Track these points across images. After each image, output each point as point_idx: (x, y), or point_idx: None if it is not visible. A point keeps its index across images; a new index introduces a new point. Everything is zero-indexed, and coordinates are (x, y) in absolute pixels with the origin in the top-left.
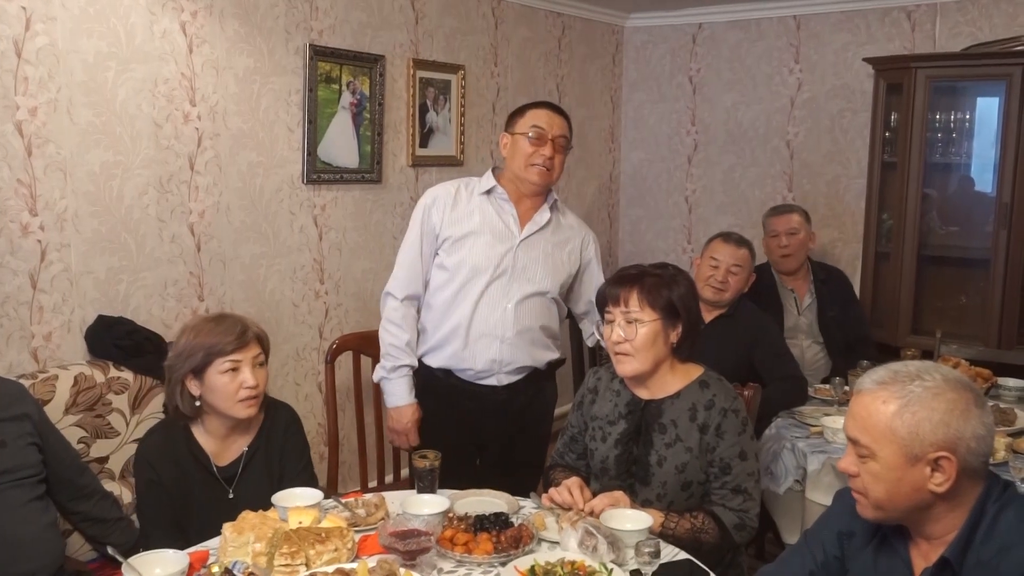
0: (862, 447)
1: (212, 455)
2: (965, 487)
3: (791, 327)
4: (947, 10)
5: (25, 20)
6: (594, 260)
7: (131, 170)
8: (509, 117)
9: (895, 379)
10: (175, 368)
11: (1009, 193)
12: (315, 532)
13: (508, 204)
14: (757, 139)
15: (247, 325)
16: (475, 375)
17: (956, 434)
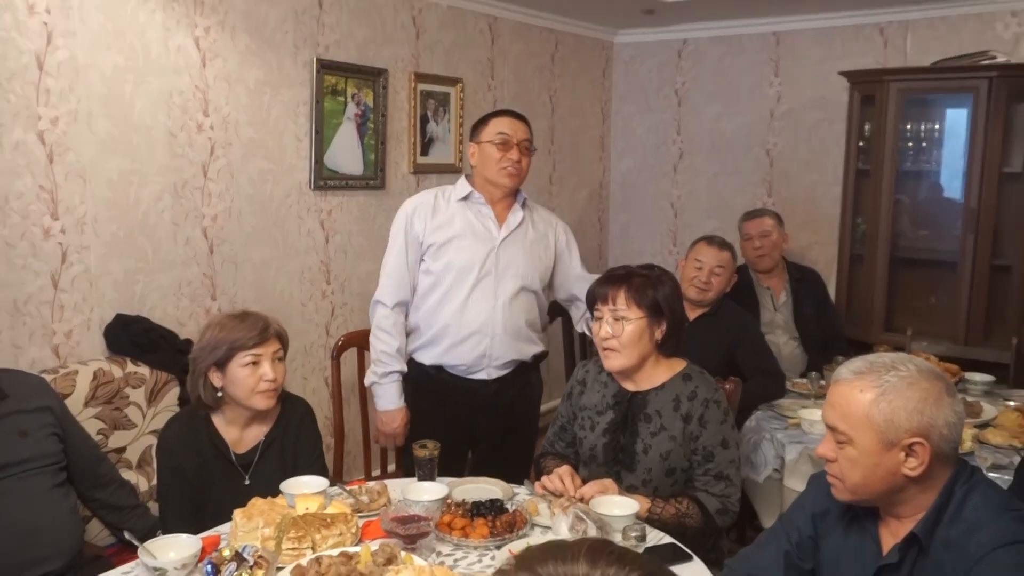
0: (840, 434)
1: (231, 443)
2: (936, 471)
3: (767, 322)
4: (917, 27)
5: (47, 35)
6: (566, 248)
7: (147, 177)
8: (473, 128)
9: (872, 369)
10: (199, 360)
11: (976, 199)
12: (321, 518)
13: (486, 207)
14: (739, 148)
15: (268, 322)
16: (465, 370)
17: (929, 421)
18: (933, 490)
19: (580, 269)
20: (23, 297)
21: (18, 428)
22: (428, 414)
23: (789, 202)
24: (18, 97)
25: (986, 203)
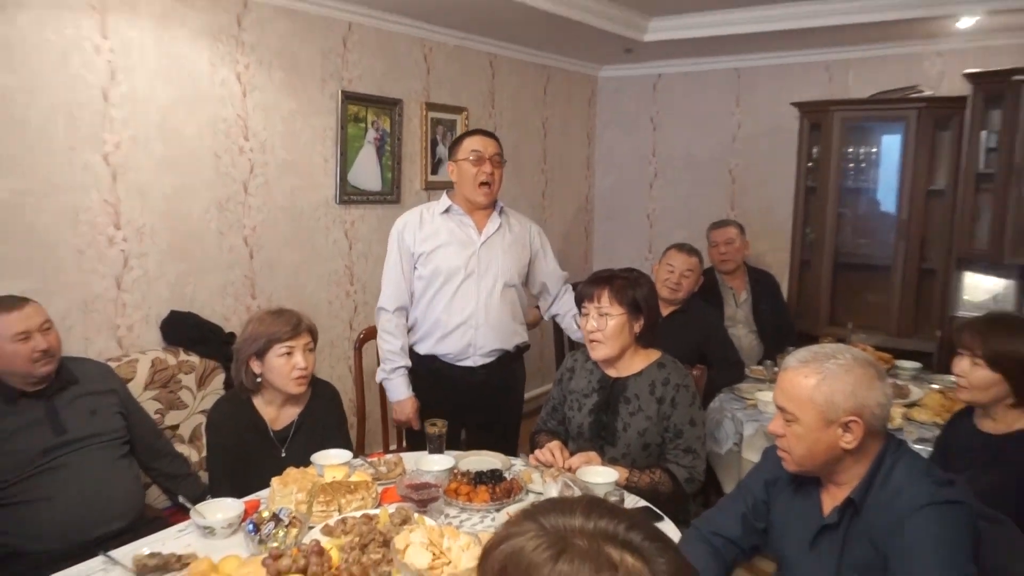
0: (788, 413)
1: (269, 421)
2: (869, 444)
3: (730, 317)
4: (857, 64)
5: (111, 72)
6: (540, 248)
7: (196, 193)
8: (450, 148)
9: (815, 358)
10: (241, 350)
11: (907, 212)
12: (346, 485)
13: (465, 217)
14: (705, 168)
15: (301, 318)
16: (454, 358)
17: (863, 402)
18: (866, 461)
19: (553, 265)
20: (91, 296)
21: (88, 408)
22: (424, 396)
23: (748, 214)
24: (87, 124)
25: (915, 216)
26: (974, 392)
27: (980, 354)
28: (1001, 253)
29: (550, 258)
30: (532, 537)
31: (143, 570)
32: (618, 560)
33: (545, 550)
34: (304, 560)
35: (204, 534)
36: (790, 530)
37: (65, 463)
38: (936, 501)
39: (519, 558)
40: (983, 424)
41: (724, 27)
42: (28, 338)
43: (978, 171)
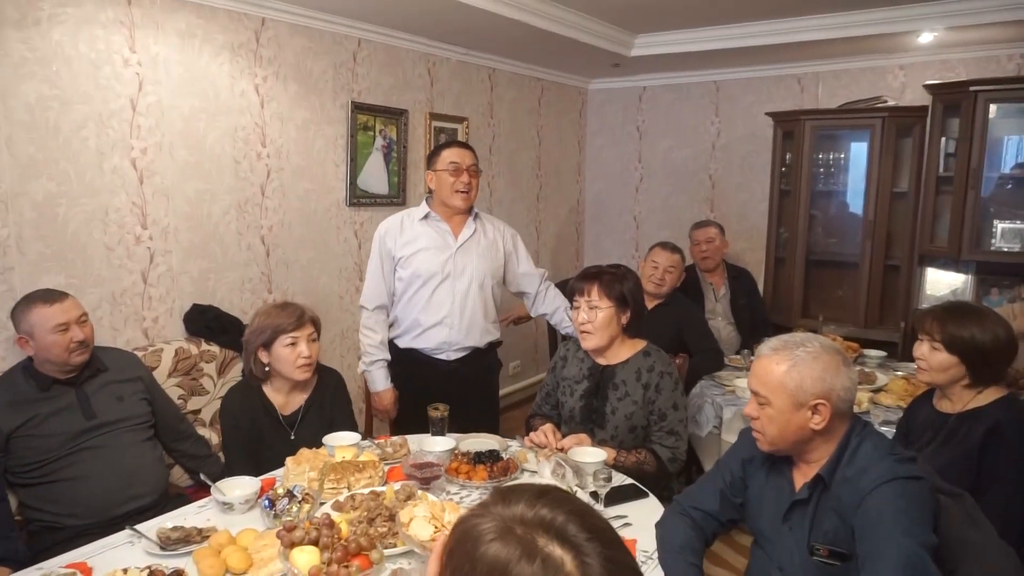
0: (761, 397)
1: (278, 407)
2: (836, 425)
3: (710, 310)
4: (827, 77)
5: (139, 83)
6: (513, 249)
7: (217, 195)
8: (429, 158)
9: (785, 346)
10: (250, 342)
11: (873, 213)
12: (355, 464)
13: (442, 223)
14: (687, 173)
15: (304, 310)
16: (430, 351)
17: (830, 386)
18: (834, 440)
19: (527, 266)
20: (120, 290)
21: (116, 394)
22: (404, 382)
23: (727, 216)
24: (116, 132)
25: (880, 216)
26: (933, 374)
27: (938, 338)
28: (959, 250)
29: (523, 259)
30: (487, 519)
31: (167, 542)
32: (545, 549)
33: (489, 532)
34: (316, 532)
35: (223, 510)
36: (765, 505)
37: (95, 445)
38: (898, 476)
39: (468, 535)
40: (941, 405)
41: (704, 43)
42: (67, 329)
43: (938, 175)
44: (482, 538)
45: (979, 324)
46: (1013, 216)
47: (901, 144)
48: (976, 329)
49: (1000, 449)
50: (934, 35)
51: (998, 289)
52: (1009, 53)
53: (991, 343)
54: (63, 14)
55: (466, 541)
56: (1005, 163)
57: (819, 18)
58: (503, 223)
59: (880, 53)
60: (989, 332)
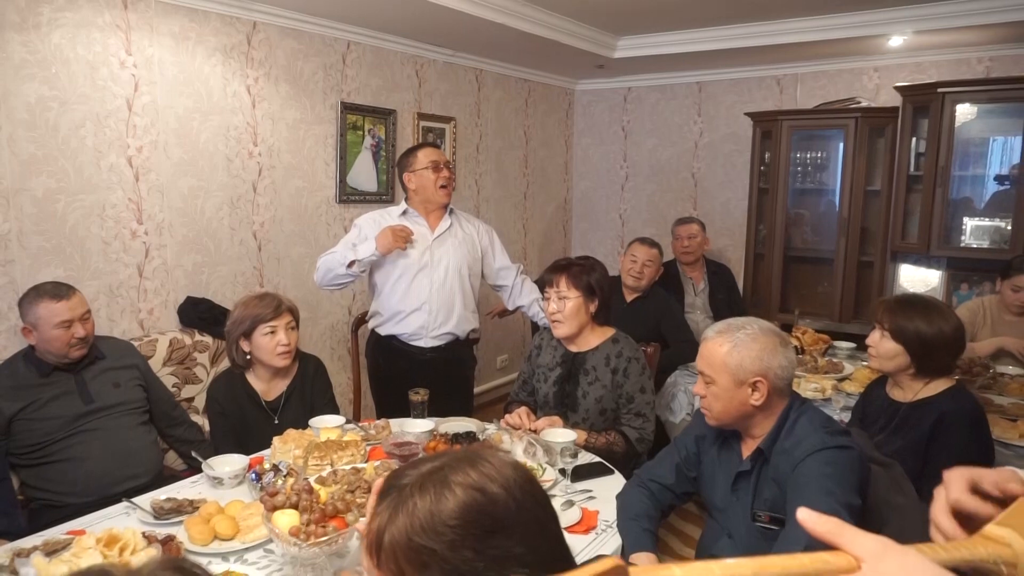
0: (707, 376)
1: (261, 393)
2: (775, 402)
3: (690, 304)
4: (804, 78)
5: (135, 83)
6: (489, 245)
7: (210, 192)
8: (403, 162)
9: (728, 329)
10: (231, 332)
11: (847, 210)
12: (338, 443)
13: (420, 218)
14: (671, 172)
15: (281, 300)
16: (408, 337)
17: (767, 365)
18: (773, 416)
19: (503, 261)
20: (116, 283)
21: (112, 380)
22: (384, 370)
23: (709, 213)
24: (112, 131)
25: (855, 213)
26: (881, 360)
27: (887, 327)
28: (929, 246)
29: (499, 254)
30: (409, 501)
31: (160, 512)
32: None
33: (425, 496)
34: (296, 496)
35: (213, 484)
36: (716, 477)
37: (93, 428)
38: (828, 446)
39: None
40: (893, 392)
41: (686, 45)
42: (70, 326)
43: (909, 173)
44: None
45: (925, 318)
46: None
47: (874, 143)
48: (921, 322)
49: (946, 438)
50: (904, 38)
51: (968, 284)
52: (979, 56)
53: (934, 336)
54: (62, 18)
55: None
56: (991, 164)
57: (797, 21)
58: (479, 220)
59: (855, 55)
60: (935, 326)
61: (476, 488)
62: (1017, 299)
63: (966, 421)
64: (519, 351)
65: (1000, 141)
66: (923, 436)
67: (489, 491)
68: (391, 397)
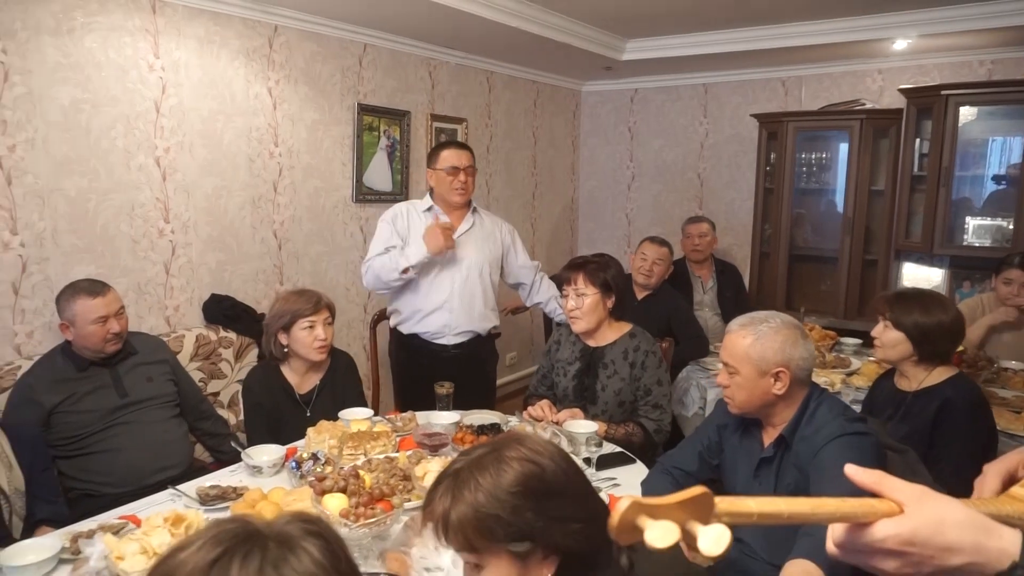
0: (731, 367)
1: (295, 386)
2: (796, 391)
3: (698, 302)
4: (809, 80)
5: (162, 86)
6: (512, 244)
7: (233, 192)
8: (429, 156)
9: (751, 322)
10: (270, 325)
11: (852, 210)
12: (370, 433)
13: (443, 216)
14: (676, 172)
15: (320, 296)
16: (431, 336)
17: (789, 356)
18: (795, 405)
19: (524, 260)
20: (144, 280)
21: (145, 375)
22: (407, 367)
23: (715, 213)
24: (141, 132)
25: (859, 213)
26: (885, 350)
27: (889, 317)
28: (931, 246)
29: (520, 253)
30: (470, 482)
31: (206, 498)
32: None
33: (485, 473)
34: (344, 481)
35: (252, 473)
36: (738, 464)
37: (128, 420)
38: (847, 432)
39: (484, 492)
40: (900, 383)
41: (693, 48)
42: (106, 321)
43: (913, 174)
44: (497, 473)
45: (923, 308)
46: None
47: (878, 144)
48: (919, 312)
49: (949, 423)
50: (908, 42)
51: (970, 282)
52: (981, 59)
53: (933, 326)
54: (94, 22)
55: (486, 490)
56: (990, 164)
57: (802, 25)
58: (500, 219)
59: (859, 58)
60: (933, 317)
61: (529, 460)
62: (1009, 292)
63: (968, 406)
64: (527, 349)
65: (999, 141)
66: (928, 422)
67: (540, 461)
68: (414, 393)
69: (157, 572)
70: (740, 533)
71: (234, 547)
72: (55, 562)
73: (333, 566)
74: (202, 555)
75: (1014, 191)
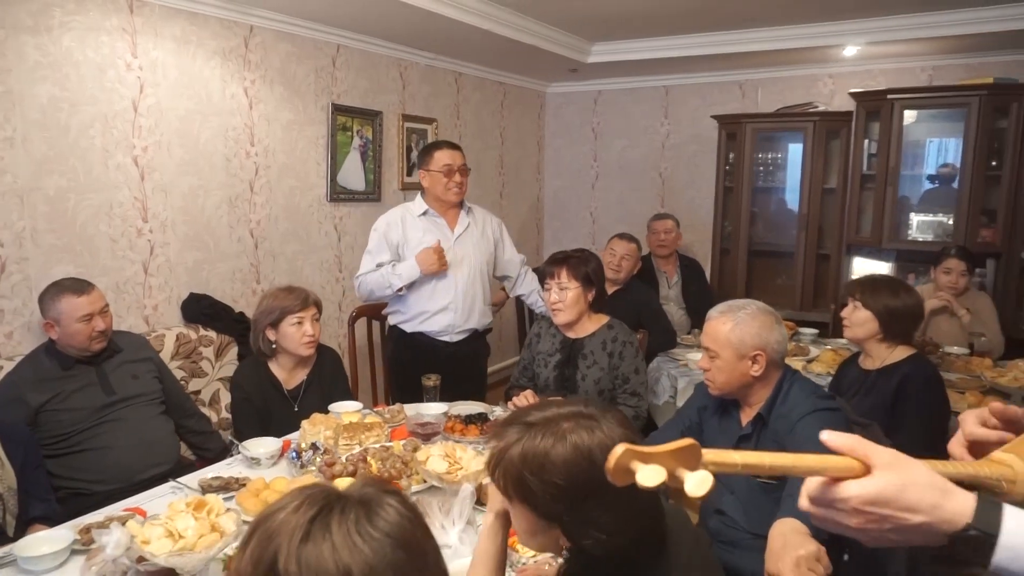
0: (712, 351)
1: (283, 381)
2: (771, 372)
3: (664, 296)
4: (765, 84)
5: (140, 85)
6: (501, 238)
7: (210, 191)
8: (421, 156)
9: (730, 309)
10: (259, 322)
11: (806, 207)
12: (363, 424)
13: (439, 218)
14: (639, 171)
15: (308, 293)
16: (435, 334)
17: (765, 340)
18: (770, 385)
19: (511, 253)
20: (123, 280)
21: (131, 373)
22: (408, 363)
23: (676, 211)
24: (119, 131)
25: (813, 210)
26: (854, 328)
27: (859, 299)
28: (881, 240)
29: (509, 246)
30: (530, 436)
31: (209, 489)
32: (594, 423)
33: (542, 435)
34: (352, 466)
35: (250, 464)
36: (718, 443)
37: (117, 418)
38: (819, 408)
39: (530, 450)
40: (864, 363)
41: (656, 52)
42: (91, 319)
43: (862, 173)
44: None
45: (892, 291)
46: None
47: (830, 145)
48: (887, 294)
49: (908, 397)
50: (857, 48)
51: (914, 275)
52: (922, 65)
53: (900, 306)
54: (73, 21)
55: (531, 454)
56: (928, 163)
57: (759, 31)
58: (490, 213)
59: (812, 63)
60: (899, 299)
61: (584, 454)
62: (949, 281)
63: (925, 381)
64: (496, 346)
65: (936, 143)
66: (888, 397)
67: (596, 459)
68: (409, 385)
69: (260, 532)
70: (722, 506)
71: (329, 505)
72: (68, 553)
73: (414, 517)
74: (301, 513)
75: (948, 189)
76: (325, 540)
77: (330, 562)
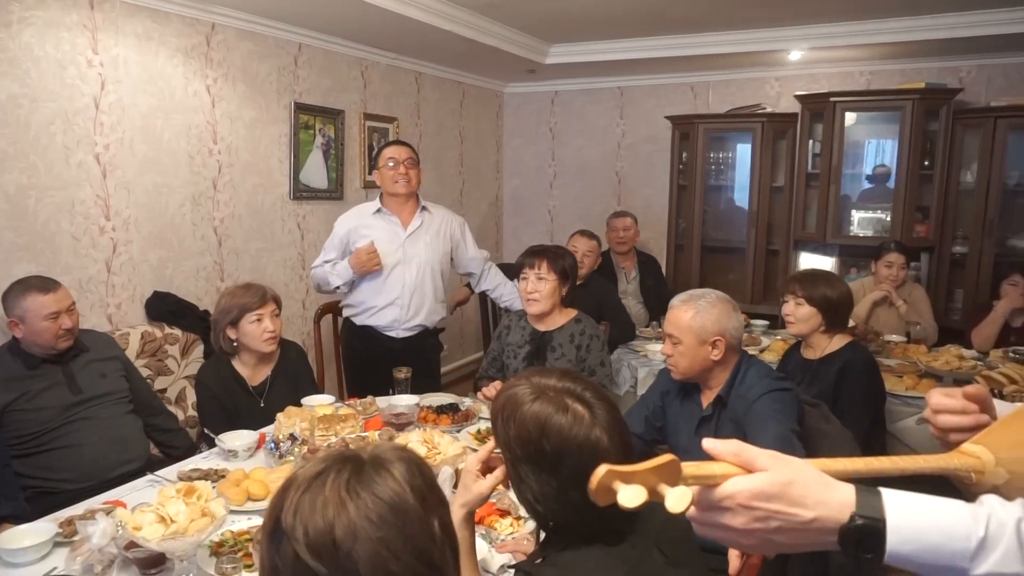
0: (674, 337)
1: (247, 378)
2: (730, 357)
3: (623, 291)
4: (716, 86)
5: (101, 82)
6: (461, 237)
7: (173, 189)
8: (372, 159)
9: (691, 298)
10: (219, 321)
11: (756, 204)
12: (338, 416)
13: (392, 216)
14: (596, 170)
15: (266, 290)
16: (383, 328)
17: (724, 326)
18: (729, 368)
19: (473, 252)
20: (86, 278)
21: (98, 371)
22: (358, 356)
23: (632, 208)
24: (81, 128)
25: (762, 207)
26: (799, 324)
27: (801, 294)
28: (825, 235)
29: (471, 245)
30: (524, 388)
31: (188, 480)
32: (571, 406)
33: (529, 395)
34: None
35: (227, 457)
36: (680, 424)
37: (86, 416)
38: (774, 389)
39: (513, 398)
40: (806, 353)
41: (611, 54)
42: (57, 317)
43: (807, 172)
44: (524, 399)
45: (828, 283)
46: (864, 207)
47: (778, 145)
48: (824, 286)
49: (848, 382)
50: (801, 53)
51: (856, 268)
52: (861, 70)
53: (838, 296)
54: (32, 16)
55: (512, 401)
56: (867, 163)
57: (710, 35)
58: (451, 213)
59: (760, 66)
60: (836, 289)
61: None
62: (890, 274)
63: (863, 366)
64: (457, 343)
65: (874, 143)
66: (831, 384)
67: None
68: (364, 378)
69: (284, 484)
70: None
71: (333, 465)
72: (51, 545)
73: (412, 485)
74: (308, 470)
75: (884, 188)
76: (319, 495)
77: (318, 516)
